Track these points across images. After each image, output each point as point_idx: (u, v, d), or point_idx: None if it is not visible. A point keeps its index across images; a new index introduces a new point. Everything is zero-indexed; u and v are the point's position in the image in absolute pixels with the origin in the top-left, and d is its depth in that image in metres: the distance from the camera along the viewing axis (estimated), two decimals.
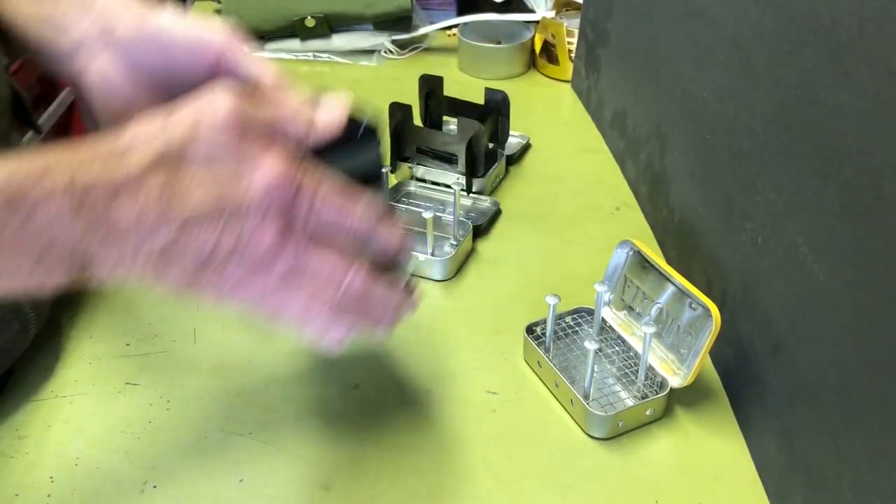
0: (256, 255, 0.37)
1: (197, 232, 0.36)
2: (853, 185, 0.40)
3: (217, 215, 0.36)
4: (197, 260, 0.36)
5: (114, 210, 0.34)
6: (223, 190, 0.36)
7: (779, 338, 0.49)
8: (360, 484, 0.50)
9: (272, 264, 0.37)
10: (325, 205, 0.38)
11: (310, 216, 0.38)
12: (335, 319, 0.40)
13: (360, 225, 0.40)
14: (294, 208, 0.37)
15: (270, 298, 0.39)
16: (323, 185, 0.38)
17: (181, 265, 0.36)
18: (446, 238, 0.72)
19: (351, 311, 0.40)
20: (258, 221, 0.36)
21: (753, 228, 0.53)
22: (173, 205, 0.35)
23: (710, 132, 0.61)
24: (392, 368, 0.59)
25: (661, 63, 0.73)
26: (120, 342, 0.61)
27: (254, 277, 0.38)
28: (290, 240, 0.37)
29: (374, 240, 0.41)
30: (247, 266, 0.37)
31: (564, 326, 0.62)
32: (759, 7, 0.51)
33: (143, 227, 0.35)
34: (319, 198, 0.38)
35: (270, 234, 0.37)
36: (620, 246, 0.60)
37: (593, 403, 0.54)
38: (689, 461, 0.52)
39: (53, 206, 0.33)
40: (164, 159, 0.35)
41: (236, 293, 0.38)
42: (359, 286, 0.40)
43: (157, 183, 0.35)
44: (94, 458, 0.51)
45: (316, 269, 0.39)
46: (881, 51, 0.37)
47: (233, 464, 0.51)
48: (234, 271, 0.37)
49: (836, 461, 0.42)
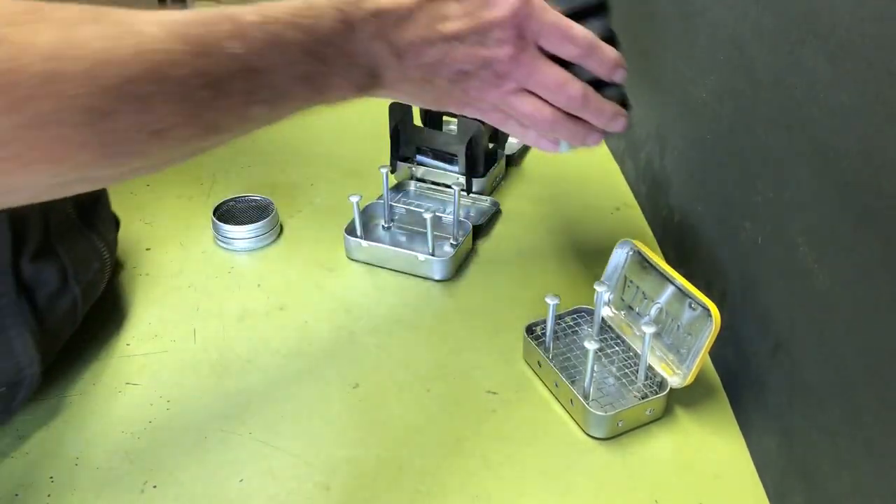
0: (500, 63, 0.48)
1: (456, 48, 0.47)
2: (853, 185, 0.40)
3: (471, 34, 0.47)
4: (456, 71, 0.48)
5: (400, 31, 0.45)
6: (475, 15, 0.47)
7: (779, 338, 0.49)
8: (360, 484, 0.50)
9: (511, 71, 0.49)
10: (553, 25, 0.49)
11: (539, 34, 0.49)
12: (556, 122, 0.51)
13: (580, 43, 0.50)
14: (528, 27, 0.48)
15: (506, 101, 0.50)
16: (548, 10, 0.49)
17: (444, 77, 0.48)
18: (446, 238, 0.72)
19: (571, 115, 0.51)
20: (501, 36, 0.47)
21: (753, 228, 0.53)
22: (439, 28, 0.46)
23: (710, 132, 0.61)
24: (392, 368, 0.59)
25: (661, 63, 0.73)
26: (120, 342, 0.61)
27: (497, 82, 0.49)
28: (524, 52, 0.48)
29: (593, 58, 0.51)
30: (491, 73, 0.48)
31: (564, 326, 0.62)
32: (759, 7, 0.51)
33: (418, 42, 0.46)
34: (547, 21, 0.49)
35: (509, 46, 0.48)
36: (620, 246, 0.60)
37: (593, 403, 0.54)
38: (689, 461, 0.52)
39: (365, 26, 0.44)
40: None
41: (482, 100, 0.50)
42: (579, 92, 0.50)
43: (427, 9, 0.46)
44: (94, 458, 0.51)
45: (544, 76, 0.49)
46: (881, 51, 0.37)
47: (233, 464, 0.51)
48: (482, 77, 0.48)
49: (836, 461, 0.42)
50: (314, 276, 0.69)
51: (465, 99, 0.50)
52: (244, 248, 0.72)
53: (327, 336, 0.62)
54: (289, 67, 0.41)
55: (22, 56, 0.32)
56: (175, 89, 0.36)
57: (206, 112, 0.38)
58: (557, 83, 0.50)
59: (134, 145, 0.36)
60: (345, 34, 0.43)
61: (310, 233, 0.75)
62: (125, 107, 0.34)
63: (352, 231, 0.71)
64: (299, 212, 0.78)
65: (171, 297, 0.66)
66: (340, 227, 0.71)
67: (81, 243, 0.58)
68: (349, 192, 0.70)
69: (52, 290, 0.53)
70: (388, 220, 0.74)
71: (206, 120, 0.38)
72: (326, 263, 0.71)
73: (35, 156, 0.33)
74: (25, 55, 0.32)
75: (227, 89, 0.38)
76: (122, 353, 0.60)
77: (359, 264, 0.71)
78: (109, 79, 0.34)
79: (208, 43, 0.37)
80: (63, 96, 0.32)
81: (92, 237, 0.59)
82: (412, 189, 0.81)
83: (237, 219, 0.73)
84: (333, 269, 0.70)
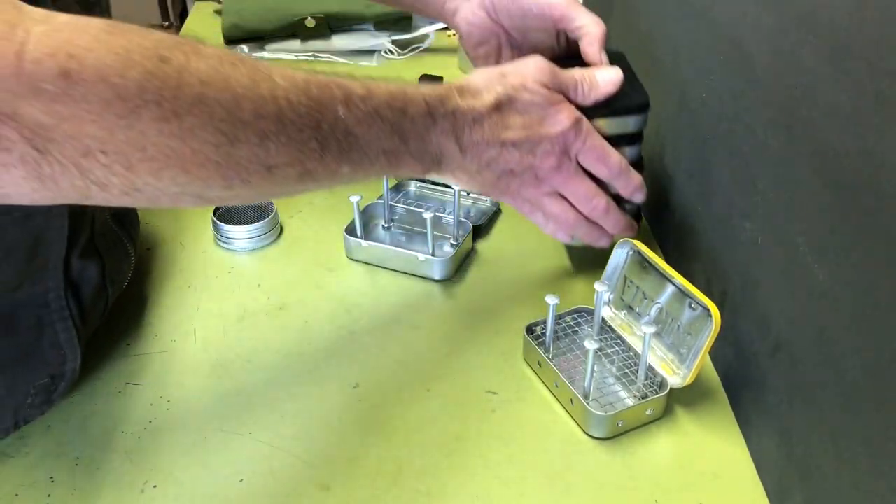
0: (541, 171, 0.57)
1: (510, 152, 0.55)
2: (853, 185, 0.40)
3: (525, 143, 0.55)
4: (504, 170, 0.56)
5: (469, 132, 0.53)
6: (533, 129, 0.55)
7: (779, 338, 0.49)
8: (360, 484, 0.50)
9: (550, 178, 0.58)
10: (593, 149, 0.58)
11: (580, 153, 0.58)
12: (578, 224, 0.61)
13: (612, 168, 0.59)
14: (572, 146, 0.57)
15: (540, 200, 0.59)
16: (593, 134, 0.58)
17: (493, 172, 0.56)
18: (446, 238, 0.72)
19: (590, 221, 0.61)
20: (549, 149, 0.56)
21: (753, 228, 0.53)
22: (501, 133, 0.54)
23: (710, 132, 0.61)
24: (392, 368, 0.59)
25: (661, 63, 0.73)
26: (120, 342, 0.61)
27: (536, 183, 0.58)
28: (564, 165, 0.57)
29: (620, 180, 0.60)
30: (532, 176, 0.57)
31: (564, 326, 0.62)
32: (759, 7, 0.51)
33: (481, 143, 0.54)
34: (589, 144, 0.57)
35: (553, 158, 0.56)
36: (620, 246, 0.60)
37: (593, 403, 0.54)
38: (688, 461, 0.52)
39: (444, 121, 0.52)
40: (502, 103, 0.54)
41: (519, 194, 0.59)
42: (603, 206, 0.60)
43: (495, 118, 0.54)
44: (94, 458, 0.51)
45: (577, 187, 0.59)
46: (881, 51, 0.37)
47: (233, 464, 0.51)
48: (524, 178, 0.57)
49: (836, 461, 0.42)
50: (314, 276, 0.69)
51: (506, 191, 0.58)
52: (244, 248, 0.72)
53: (327, 336, 0.62)
54: (378, 140, 0.48)
55: (183, 75, 0.37)
56: (291, 134, 0.42)
57: (309, 160, 0.44)
58: (587, 195, 0.59)
59: (248, 175, 0.41)
60: (426, 124, 0.51)
61: (310, 233, 0.75)
62: (251, 138, 0.40)
63: (352, 231, 0.71)
64: (299, 212, 0.78)
65: (171, 297, 0.66)
66: (340, 227, 0.71)
67: (117, 245, 0.60)
68: (349, 192, 0.70)
69: (94, 288, 0.55)
70: (388, 220, 0.74)
71: (307, 167, 0.44)
72: (326, 263, 0.71)
73: (169, 163, 0.37)
74: (186, 75, 0.37)
75: (328, 145, 0.45)
76: (122, 353, 0.60)
77: (359, 264, 0.71)
78: (245, 112, 0.40)
79: (324, 103, 0.44)
80: (208, 117, 0.38)
81: (124, 240, 0.61)
82: (412, 189, 0.81)
83: (237, 219, 0.73)
84: (333, 269, 0.70)
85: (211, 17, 1.26)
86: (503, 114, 0.54)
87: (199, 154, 0.38)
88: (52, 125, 0.34)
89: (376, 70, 1.08)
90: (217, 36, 1.12)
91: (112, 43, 0.35)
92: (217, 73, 0.39)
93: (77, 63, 0.34)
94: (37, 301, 0.51)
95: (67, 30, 0.35)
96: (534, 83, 0.55)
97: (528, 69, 0.56)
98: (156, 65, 0.36)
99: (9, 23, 0.33)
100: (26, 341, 0.51)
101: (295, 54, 1.10)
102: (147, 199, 0.39)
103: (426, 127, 0.51)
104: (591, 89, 0.59)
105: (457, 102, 0.52)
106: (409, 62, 1.10)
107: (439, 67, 1.05)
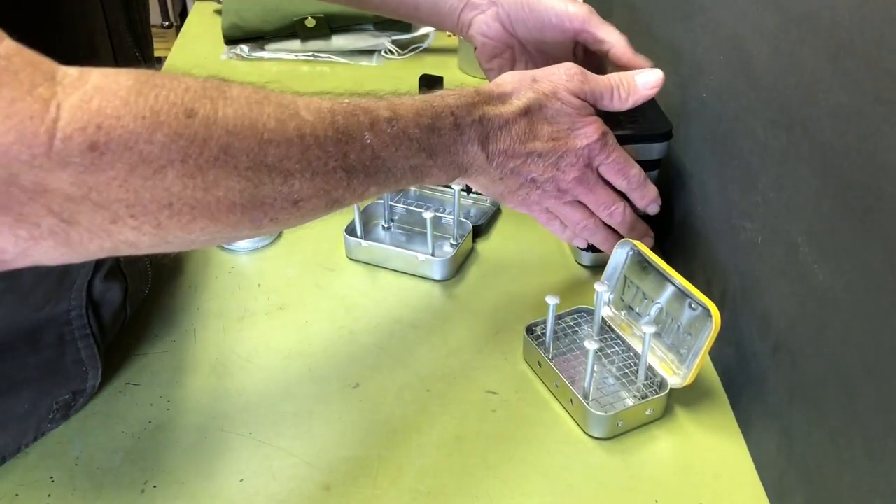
0: (564, 182, 0.57)
1: (535, 162, 0.55)
2: (853, 185, 0.40)
3: (549, 154, 0.55)
4: (527, 178, 0.56)
5: (495, 139, 0.53)
6: (560, 140, 0.55)
7: (779, 338, 0.49)
8: (360, 484, 0.50)
9: (571, 189, 0.58)
10: (615, 161, 0.58)
11: (602, 165, 0.58)
12: (597, 231, 0.62)
13: (632, 181, 0.60)
14: (596, 158, 0.57)
15: (560, 209, 0.60)
16: (617, 148, 0.58)
17: (516, 180, 0.56)
18: (446, 238, 0.72)
19: (608, 227, 0.62)
20: (573, 161, 0.56)
21: (753, 228, 0.53)
22: (527, 141, 0.54)
23: (710, 132, 0.61)
24: (392, 368, 0.59)
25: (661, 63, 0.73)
26: (120, 342, 0.61)
27: (557, 193, 0.58)
28: (586, 176, 0.58)
29: (637, 193, 0.61)
30: (554, 186, 0.57)
31: (564, 326, 0.62)
32: (759, 7, 0.51)
33: (508, 151, 0.54)
34: (613, 157, 0.58)
35: (576, 170, 0.57)
36: (620, 246, 0.60)
37: (593, 403, 0.54)
38: (689, 461, 0.52)
39: (470, 130, 0.51)
40: (531, 109, 0.54)
41: (540, 202, 0.59)
42: (621, 214, 0.61)
43: (523, 125, 0.54)
44: (94, 458, 0.51)
45: (598, 196, 0.59)
46: (881, 51, 0.37)
47: (233, 464, 0.51)
48: (545, 188, 0.57)
49: (836, 461, 0.42)
50: (314, 276, 0.69)
51: (525, 200, 0.58)
52: (244, 248, 0.72)
53: (327, 336, 0.62)
54: (405, 158, 0.48)
55: (210, 128, 0.37)
56: (317, 168, 0.42)
57: (336, 190, 0.44)
58: (607, 204, 0.60)
59: (276, 212, 0.41)
60: (454, 136, 0.51)
61: (310, 233, 0.75)
62: (275, 178, 0.40)
63: (352, 231, 0.71)
64: None
65: (171, 297, 0.66)
66: (340, 227, 0.71)
67: (138, 266, 0.60)
68: None
69: (115, 309, 0.55)
70: (388, 220, 0.74)
71: (333, 196, 0.44)
72: (326, 263, 0.71)
73: (196, 214, 0.37)
74: (214, 127, 0.37)
75: (355, 172, 0.44)
76: (122, 353, 0.60)
77: (359, 264, 0.71)
78: (270, 157, 0.39)
79: (350, 133, 0.44)
80: (233, 167, 0.38)
81: (145, 261, 0.62)
82: (412, 189, 0.80)
83: None
84: (333, 269, 0.70)
85: (211, 17, 1.26)
86: (531, 121, 0.54)
87: (224, 202, 0.38)
88: (79, 196, 0.34)
89: (376, 70, 1.08)
90: (217, 36, 1.11)
91: (140, 105, 0.35)
92: (244, 119, 0.38)
93: (105, 134, 0.34)
94: (59, 319, 0.51)
95: (98, 97, 0.34)
96: (565, 91, 0.55)
97: (559, 76, 0.56)
98: (182, 123, 0.36)
99: (41, 98, 0.33)
100: (49, 358, 0.51)
101: (295, 54, 1.10)
102: (179, 247, 0.40)
103: (453, 139, 0.51)
104: (629, 94, 0.58)
105: (484, 110, 0.52)
106: (409, 62, 1.10)
107: (439, 67, 1.05)
